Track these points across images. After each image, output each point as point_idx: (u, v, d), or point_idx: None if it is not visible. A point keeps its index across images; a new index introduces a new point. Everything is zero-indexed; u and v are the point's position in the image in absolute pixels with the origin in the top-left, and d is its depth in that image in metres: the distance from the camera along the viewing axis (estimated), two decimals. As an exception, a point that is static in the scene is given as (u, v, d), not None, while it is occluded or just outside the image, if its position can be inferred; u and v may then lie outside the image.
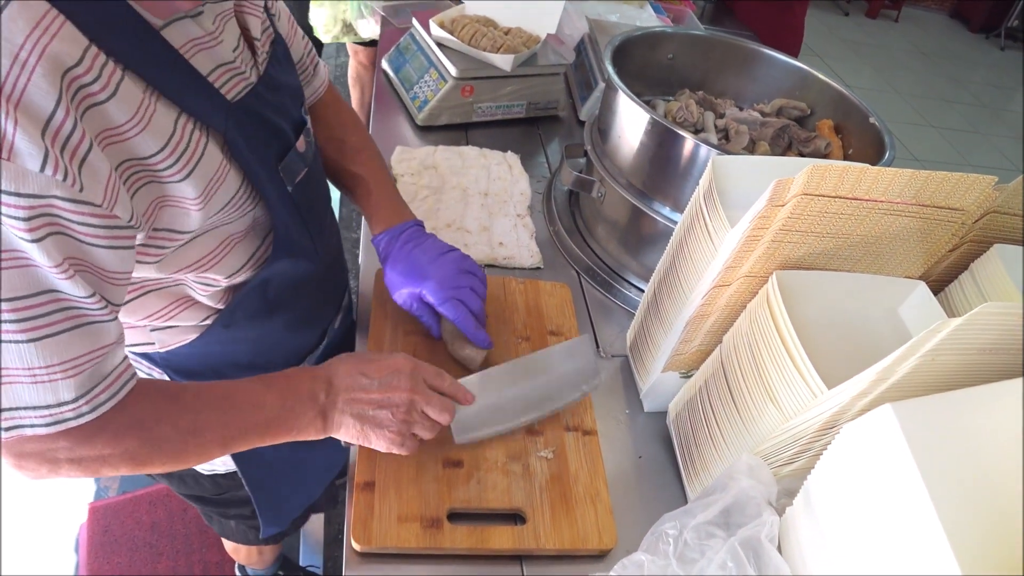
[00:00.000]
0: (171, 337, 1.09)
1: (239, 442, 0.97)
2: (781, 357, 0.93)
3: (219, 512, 1.60)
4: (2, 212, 0.68)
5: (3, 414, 0.76)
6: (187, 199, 0.86)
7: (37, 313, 0.74)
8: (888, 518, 0.68)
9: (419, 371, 1.08)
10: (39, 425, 0.78)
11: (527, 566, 1.09)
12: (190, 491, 1.45)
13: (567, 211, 1.73)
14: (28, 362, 0.75)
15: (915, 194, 0.95)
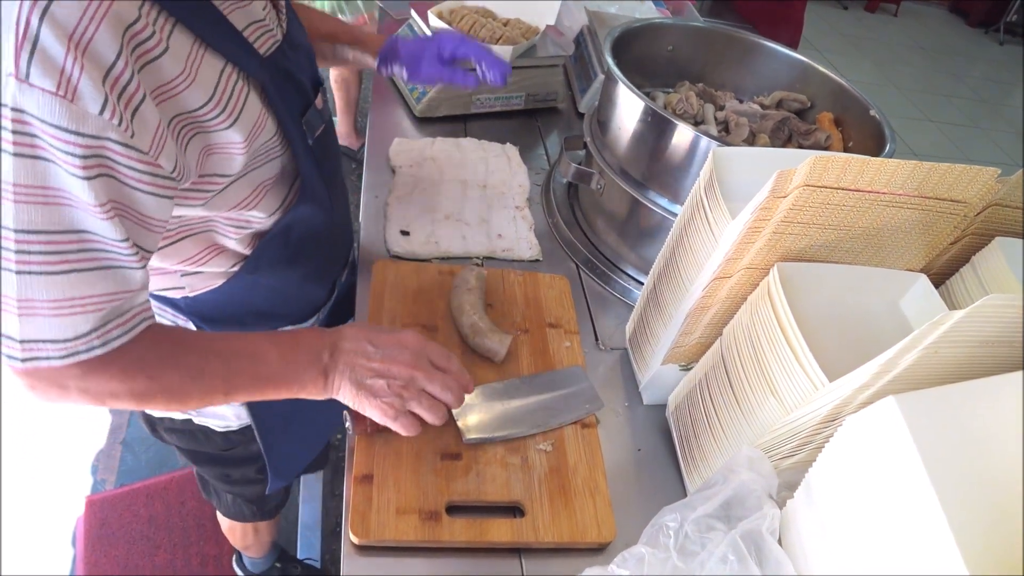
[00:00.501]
0: (200, 282, 1.16)
1: (241, 392, 1.01)
2: (782, 349, 0.92)
3: (223, 475, 1.62)
4: (59, 149, 0.74)
5: (23, 345, 0.81)
6: (233, 144, 0.93)
7: (68, 249, 0.79)
8: (891, 510, 0.67)
9: (425, 349, 1.08)
10: (54, 357, 0.82)
11: (526, 559, 1.08)
12: (199, 447, 1.47)
13: (566, 203, 1.72)
14: (52, 294, 0.79)
15: (917, 186, 0.95)
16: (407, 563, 1.05)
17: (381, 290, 1.35)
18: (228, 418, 1.38)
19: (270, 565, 2.37)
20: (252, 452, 1.46)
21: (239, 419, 1.38)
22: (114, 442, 2.77)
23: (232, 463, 1.55)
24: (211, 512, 2.56)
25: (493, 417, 1.18)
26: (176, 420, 1.39)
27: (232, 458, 1.53)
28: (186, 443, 1.47)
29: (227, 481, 1.65)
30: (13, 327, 0.80)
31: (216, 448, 1.47)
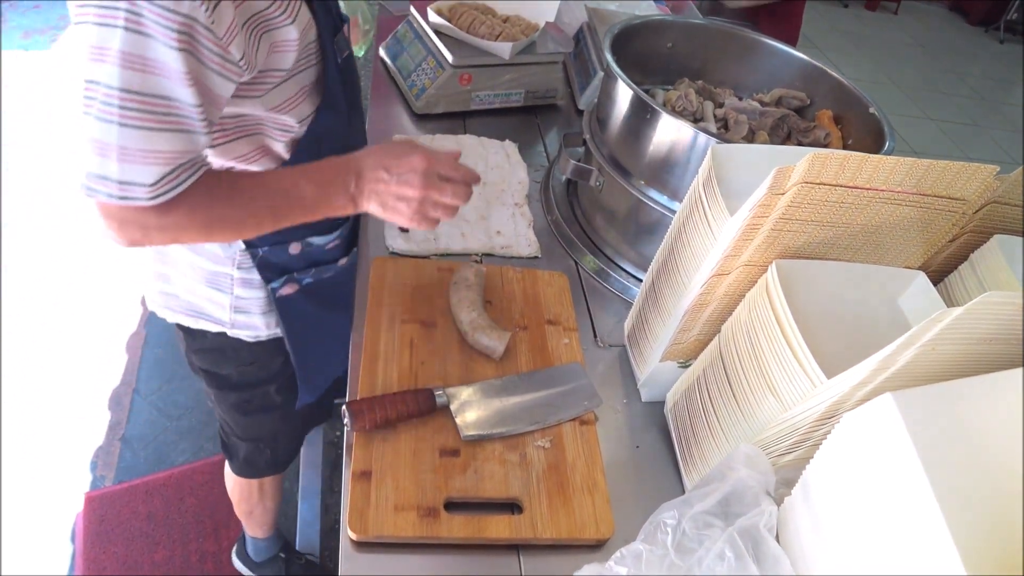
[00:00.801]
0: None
1: (286, 219, 1.19)
2: (780, 347, 0.92)
3: (243, 403, 1.70)
4: (160, 24, 0.92)
5: (120, 185, 0.99)
6: (289, 41, 1.13)
7: (158, 110, 0.98)
8: (888, 507, 0.67)
9: (433, 168, 1.21)
10: (141, 198, 1.01)
11: (524, 556, 1.08)
12: (225, 369, 1.61)
13: (565, 200, 1.72)
14: (143, 145, 0.98)
15: (916, 183, 0.95)
16: (405, 560, 1.05)
17: (380, 287, 1.35)
18: (259, 328, 1.50)
19: (273, 554, 2.36)
20: (273, 370, 1.62)
21: (268, 328, 1.51)
22: (113, 439, 2.76)
23: (253, 384, 1.66)
24: (210, 509, 2.57)
25: (491, 414, 1.18)
26: (208, 337, 1.52)
27: (254, 379, 1.64)
28: (214, 365, 1.60)
29: (245, 412, 1.72)
30: (113, 170, 0.98)
31: (242, 364, 1.59)
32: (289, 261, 1.44)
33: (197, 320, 1.49)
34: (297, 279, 1.46)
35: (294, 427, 1.90)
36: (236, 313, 1.46)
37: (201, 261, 1.40)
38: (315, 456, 2.73)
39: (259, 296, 1.45)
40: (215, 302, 1.45)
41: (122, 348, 3.07)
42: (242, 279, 1.42)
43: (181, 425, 2.83)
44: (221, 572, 2.44)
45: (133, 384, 2.94)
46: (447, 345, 1.29)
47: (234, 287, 1.43)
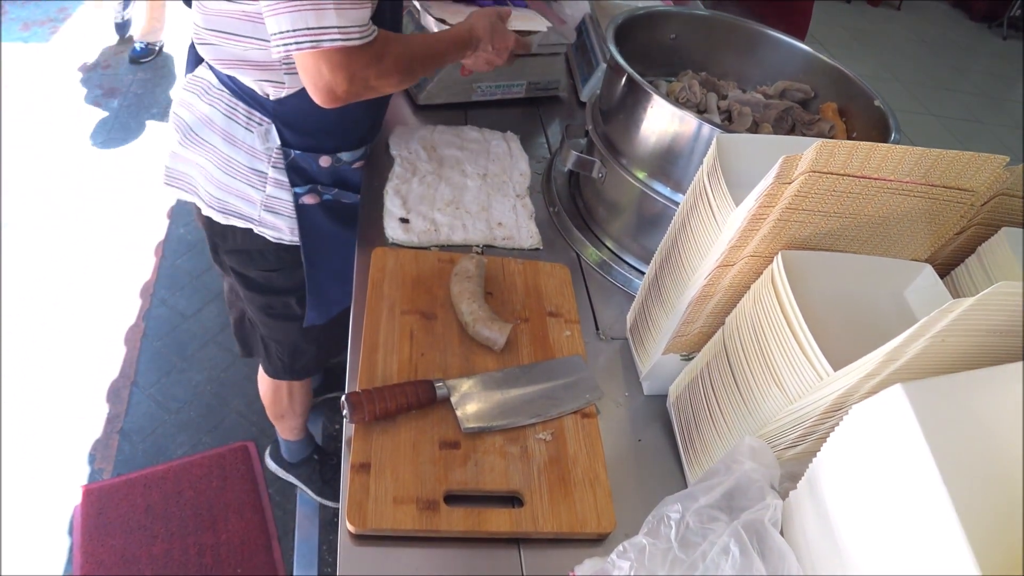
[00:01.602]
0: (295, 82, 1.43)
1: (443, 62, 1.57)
2: (786, 339, 0.91)
3: (267, 306, 1.83)
4: None
5: (340, 30, 1.20)
6: None
7: None
8: (897, 499, 0.66)
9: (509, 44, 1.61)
10: (354, 39, 1.22)
11: (524, 550, 1.07)
12: (252, 269, 1.74)
13: (567, 193, 1.71)
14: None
15: (924, 173, 0.93)
16: (404, 553, 1.04)
17: (380, 277, 1.34)
18: (283, 231, 1.62)
19: (306, 455, 2.51)
20: (295, 281, 1.73)
21: (292, 234, 1.62)
22: (111, 432, 2.75)
23: (276, 291, 1.79)
24: (209, 503, 2.56)
25: (492, 406, 1.17)
26: (238, 237, 1.65)
27: (276, 286, 1.77)
28: (241, 265, 1.73)
29: (269, 315, 1.84)
30: (332, 19, 1.19)
31: (268, 266, 1.71)
32: (317, 173, 1.57)
33: (227, 217, 1.59)
34: (320, 192, 1.60)
35: (317, 344, 1.98)
36: (265, 211, 1.58)
37: (239, 155, 1.52)
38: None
39: (288, 200, 1.57)
40: (247, 199, 1.57)
41: (120, 341, 3.05)
42: (275, 179, 1.54)
43: (180, 418, 2.82)
44: (220, 565, 2.43)
45: (132, 377, 2.93)
46: (447, 337, 1.28)
47: (267, 185, 1.54)
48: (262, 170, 1.53)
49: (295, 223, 1.60)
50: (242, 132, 1.50)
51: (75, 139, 3.99)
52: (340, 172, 1.61)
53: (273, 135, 1.50)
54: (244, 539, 2.49)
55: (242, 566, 2.44)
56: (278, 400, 2.25)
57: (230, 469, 2.65)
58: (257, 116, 1.49)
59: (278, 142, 1.51)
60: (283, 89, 1.44)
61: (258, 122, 1.50)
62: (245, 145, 1.51)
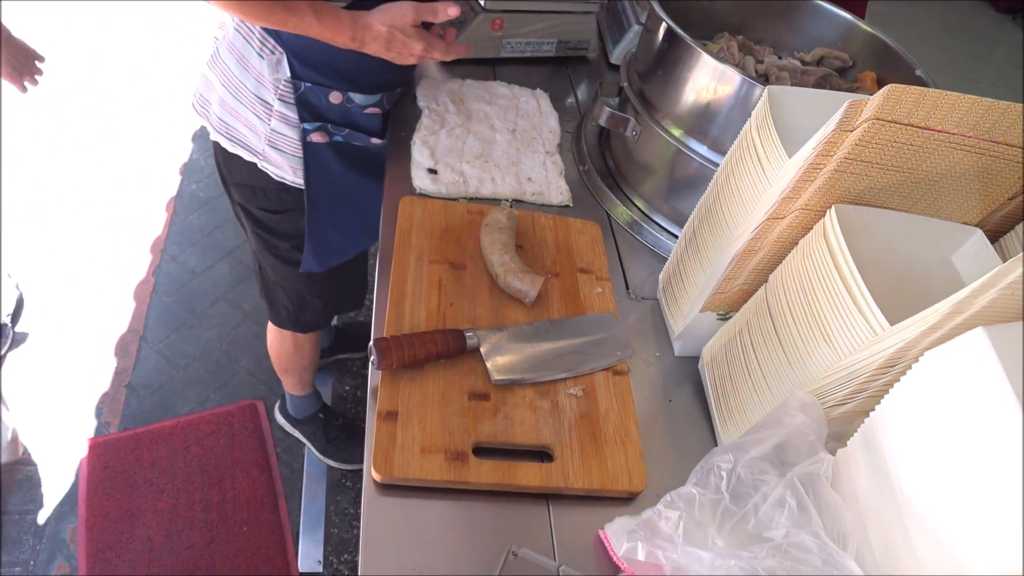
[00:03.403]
0: None
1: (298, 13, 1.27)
2: (838, 294, 0.88)
3: (272, 246, 1.77)
4: None
5: None
6: None
7: None
8: (975, 447, 0.63)
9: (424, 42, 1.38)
10: None
11: (553, 506, 1.04)
12: (257, 205, 1.67)
13: (597, 152, 1.67)
14: None
15: (989, 128, 0.90)
16: (430, 505, 1.01)
17: (408, 227, 1.31)
18: (285, 170, 1.55)
19: (312, 412, 2.48)
20: (296, 227, 1.66)
21: (295, 175, 1.55)
22: (119, 386, 2.73)
23: (279, 234, 1.73)
24: (215, 459, 2.53)
25: (522, 359, 1.14)
26: (243, 171, 1.58)
27: (279, 229, 1.72)
28: (246, 200, 1.67)
29: (273, 255, 1.79)
30: None
31: (270, 206, 1.66)
32: (327, 110, 1.50)
33: (234, 144, 1.54)
34: (330, 131, 1.52)
35: (322, 298, 1.95)
36: (268, 146, 1.51)
37: (248, 80, 1.46)
38: (324, 410, 2.70)
39: (293, 137, 1.50)
40: (253, 129, 1.51)
41: (130, 295, 3.02)
42: (280, 113, 1.47)
43: (188, 374, 2.79)
44: (226, 522, 2.41)
45: (140, 332, 2.90)
46: (476, 288, 1.25)
47: (272, 118, 1.48)
48: (268, 100, 1.47)
49: (299, 163, 1.54)
50: (255, 57, 1.45)
51: (88, 87, 3.94)
52: (351, 114, 1.54)
53: (284, 66, 1.44)
54: (251, 497, 2.46)
55: (248, 524, 2.42)
56: (284, 352, 2.23)
57: (238, 427, 2.62)
58: (271, 43, 1.44)
59: (288, 74, 1.45)
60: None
61: (271, 50, 1.44)
62: (255, 71, 1.46)
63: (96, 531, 2.35)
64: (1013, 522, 0.58)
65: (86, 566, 2.28)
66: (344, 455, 2.54)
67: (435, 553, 0.97)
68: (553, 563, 0.98)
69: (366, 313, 2.97)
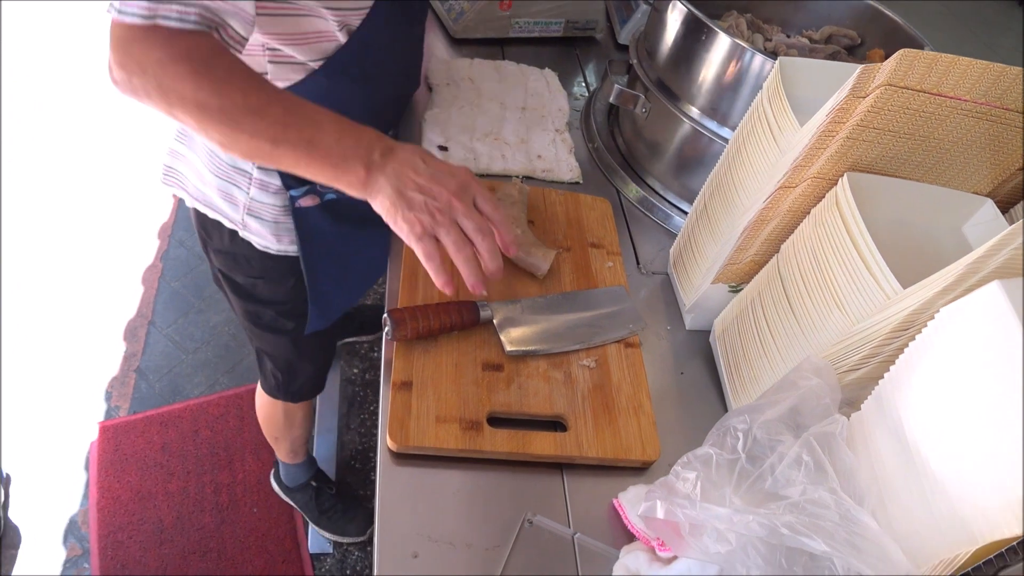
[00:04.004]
0: (283, 74, 1.16)
1: (287, 149, 0.99)
2: (850, 259, 0.88)
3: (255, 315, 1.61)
4: None
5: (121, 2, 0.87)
6: None
7: None
8: (991, 403, 0.64)
9: (473, 186, 1.03)
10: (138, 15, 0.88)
11: (568, 476, 1.05)
12: (238, 272, 1.50)
13: (606, 130, 1.68)
14: None
15: (1000, 95, 0.90)
16: (445, 474, 1.02)
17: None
18: (268, 239, 1.37)
19: (305, 481, 2.35)
20: (280, 294, 1.52)
21: (279, 243, 1.38)
22: (128, 370, 2.74)
23: (263, 301, 1.56)
24: (225, 442, 2.55)
25: (535, 331, 1.15)
26: (224, 238, 1.41)
27: (263, 296, 1.55)
28: (227, 267, 1.50)
29: (257, 324, 1.63)
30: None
31: (252, 274, 1.49)
32: None
33: (213, 212, 1.38)
34: (319, 191, 1.32)
35: (312, 362, 1.81)
36: (249, 216, 1.35)
37: (220, 150, 1.28)
38: (331, 392, 2.71)
39: (275, 204, 1.32)
40: (231, 200, 1.33)
41: (138, 281, 3.04)
42: (260, 180, 1.29)
43: (197, 358, 2.81)
44: (236, 504, 2.43)
45: (149, 316, 2.92)
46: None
47: (251, 187, 1.30)
48: (246, 168, 1.30)
49: (282, 230, 1.36)
50: None
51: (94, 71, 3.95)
52: None
53: None
54: (260, 479, 2.48)
55: (258, 505, 2.44)
56: (274, 421, 2.09)
57: (247, 410, 2.64)
58: None
59: None
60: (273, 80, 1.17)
61: None
62: None
63: (107, 513, 2.37)
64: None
65: (98, 547, 2.30)
66: (339, 527, 2.42)
67: (450, 521, 0.98)
68: (568, 530, 0.99)
69: (373, 296, 2.98)
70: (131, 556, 2.29)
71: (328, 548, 2.40)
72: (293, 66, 1.15)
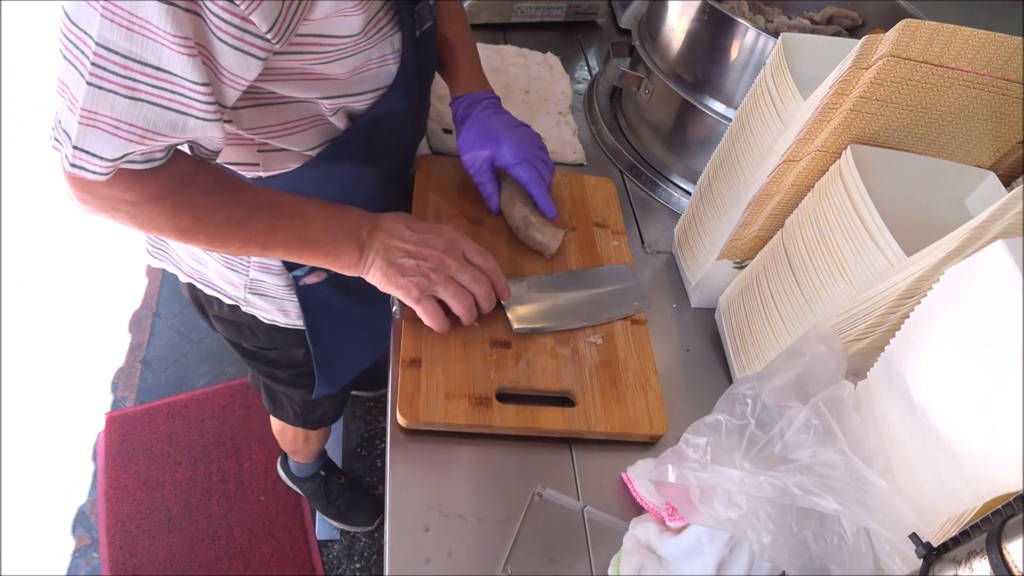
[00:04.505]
0: (275, 163, 1.11)
1: (279, 249, 1.03)
2: (854, 229, 0.89)
3: (268, 372, 1.59)
4: None
5: (75, 151, 0.81)
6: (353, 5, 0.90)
7: (142, 80, 0.78)
8: (997, 362, 0.65)
9: (459, 240, 1.10)
10: (94, 171, 0.82)
11: (576, 451, 1.06)
12: (244, 341, 1.46)
13: (609, 113, 1.69)
14: (115, 113, 0.79)
15: (1002, 65, 0.91)
16: (455, 450, 1.03)
17: (425, 184, 1.32)
18: (274, 314, 1.34)
19: (314, 472, 2.36)
20: (294, 358, 1.47)
21: (286, 317, 1.35)
22: (134, 360, 2.76)
23: (275, 364, 1.53)
24: (232, 431, 2.57)
25: (542, 308, 1.16)
26: (224, 308, 1.36)
27: (275, 361, 1.52)
28: (232, 335, 1.45)
29: (274, 379, 1.61)
30: (72, 129, 0.80)
31: (260, 344, 1.45)
32: None
33: (210, 289, 1.33)
34: (324, 268, 1.20)
35: (332, 398, 1.76)
36: (251, 294, 1.30)
37: None
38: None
39: (278, 284, 1.28)
40: (229, 281, 1.29)
41: (142, 273, 3.05)
42: (259, 263, 1.25)
43: (202, 349, 2.82)
44: (243, 492, 2.44)
45: (154, 308, 2.93)
46: (495, 242, 1.26)
47: (250, 269, 1.26)
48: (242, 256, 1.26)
49: (288, 306, 1.32)
50: None
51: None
52: None
53: None
54: (267, 467, 2.50)
55: (265, 493, 2.45)
56: (291, 442, 2.10)
57: (253, 399, 2.65)
58: None
59: None
60: (258, 171, 1.11)
61: None
62: None
63: (115, 502, 2.38)
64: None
65: (106, 536, 2.32)
66: (347, 517, 2.43)
67: (461, 495, 0.99)
68: (578, 503, 1.01)
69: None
70: (140, 545, 2.31)
71: (335, 535, 2.42)
72: (288, 153, 1.10)
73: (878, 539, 0.70)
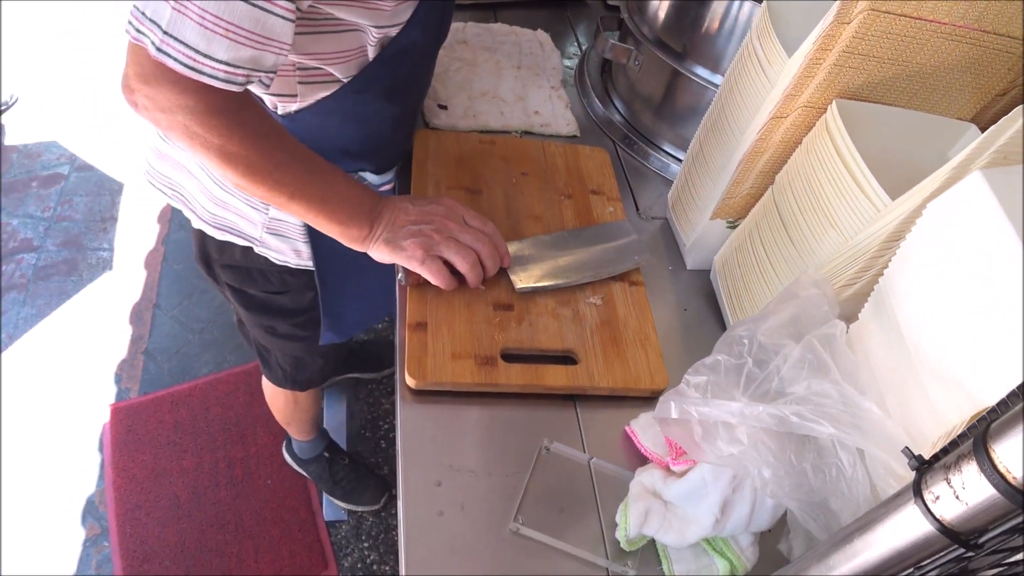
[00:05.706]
0: (311, 92, 1.15)
1: (301, 202, 1.07)
2: (842, 179, 0.93)
3: (268, 327, 1.60)
4: None
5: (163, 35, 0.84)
6: None
7: None
8: (980, 292, 0.68)
9: (459, 208, 1.16)
10: (180, 62, 0.86)
11: (580, 407, 1.10)
12: (251, 288, 1.48)
13: (600, 86, 1.72)
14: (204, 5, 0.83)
15: (977, 17, 0.95)
16: (463, 410, 1.07)
17: (424, 157, 1.35)
18: (287, 254, 1.36)
19: (318, 453, 2.39)
20: (301, 304, 1.51)
21: (299, 258, 1.37)
22: (136, 352, 2.78)
23: (279, 313, 1.56)
24: (236, 417, 2.60)
25: (544, 267, 1.19)
26: (236, 253, 1.38)
27: (280, 307, 1.53)
28: (240, 282, 1.47)
29: (273, 333, 1.62)
30: (164, 17, 0.83)
31: (268, 289, 1.47)
32: None
33: (224, 233, 1.33)
34: None
35: (321, 354, 1.77)
36: (267, 233, 1.32)
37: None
38: (340, 365, 2.74)
39: (296, 223, 1.30)
40: (247, 218, 1.30)
41: (141, 265, 3.07)
42: None
43: (204, 338, 2.85)
44: (250, 477, 2.47)
45: (154, 300, 2.95)
46: (493, 210, 1.29)
47: (270, 208, 1.28)
48: None
49: (303, 245, 1.34)
50: None
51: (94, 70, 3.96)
52: None
53: None
54: (273, 452, 2.53)
55: (272, 477, 2.48)
56: (283, 408, 2.14)
57: (256, 385, 2.67)
58: None
59: None
60: (294, 102, 1.15)
61: None
62: None
63: (124, 492, 2.41)
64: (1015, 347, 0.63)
65: (116, 525, 2.34)
66: (352, 497, 2.47)
67: (470, 452, 1.02)
68: (584, 456, 1.04)
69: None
70: (149, 532, 2.33)
71: (343, 516, 2.45)
72: (324, 84, 1.14)
73: (873, 464, 0.74)
